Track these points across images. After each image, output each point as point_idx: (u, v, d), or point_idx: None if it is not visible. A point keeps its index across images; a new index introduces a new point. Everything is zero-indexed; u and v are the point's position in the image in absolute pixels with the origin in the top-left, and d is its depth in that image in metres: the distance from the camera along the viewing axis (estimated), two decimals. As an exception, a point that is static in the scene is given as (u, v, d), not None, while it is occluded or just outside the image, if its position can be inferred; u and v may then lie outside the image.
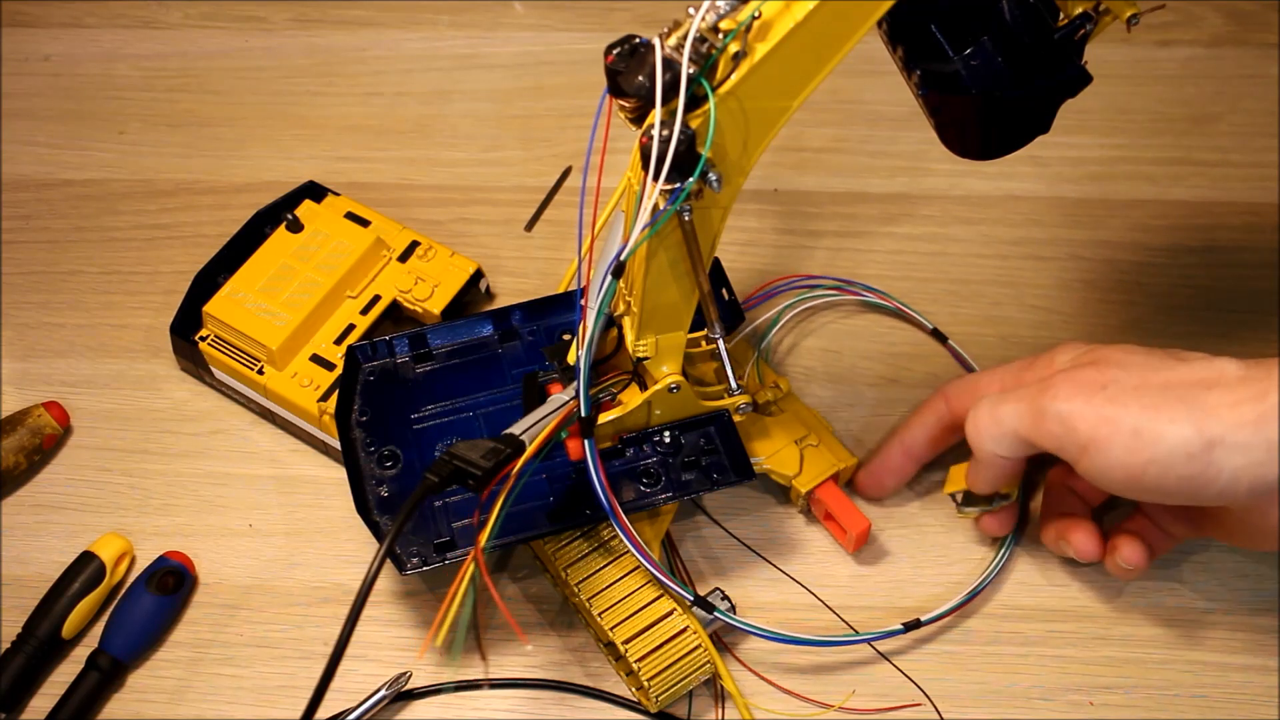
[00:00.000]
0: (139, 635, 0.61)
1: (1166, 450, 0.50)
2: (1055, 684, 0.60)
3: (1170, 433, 0.50)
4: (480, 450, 0.52)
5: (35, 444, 0.66)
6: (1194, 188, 0.77)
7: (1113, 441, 0.51)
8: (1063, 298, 0.72)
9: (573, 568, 0.59)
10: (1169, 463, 0.50)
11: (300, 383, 0.65)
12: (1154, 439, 0.50)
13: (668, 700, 0.58)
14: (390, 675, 0.59)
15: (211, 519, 0.65)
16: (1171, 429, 0.50)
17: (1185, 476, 0.50)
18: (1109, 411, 0.51)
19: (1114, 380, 0.52)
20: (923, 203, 0.76)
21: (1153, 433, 0.50)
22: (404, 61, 0.83)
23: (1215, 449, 0.49)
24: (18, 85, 0.82)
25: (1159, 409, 0.50)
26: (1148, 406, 0.51)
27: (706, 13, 0.45)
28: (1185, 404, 0.50)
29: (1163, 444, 0.50)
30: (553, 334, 0.64)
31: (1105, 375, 0.53)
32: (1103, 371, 0.53)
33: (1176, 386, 0.51)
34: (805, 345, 0.71)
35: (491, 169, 0.78)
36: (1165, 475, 0.50)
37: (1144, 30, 0.60)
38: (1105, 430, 0.51)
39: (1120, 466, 0.51)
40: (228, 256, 0.69)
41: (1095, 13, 0.54)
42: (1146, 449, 0.50)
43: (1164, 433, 0.50)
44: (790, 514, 0.65)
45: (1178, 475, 0.50)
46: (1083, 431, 0.52)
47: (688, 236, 0.50)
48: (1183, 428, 0.50)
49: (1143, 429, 0.50)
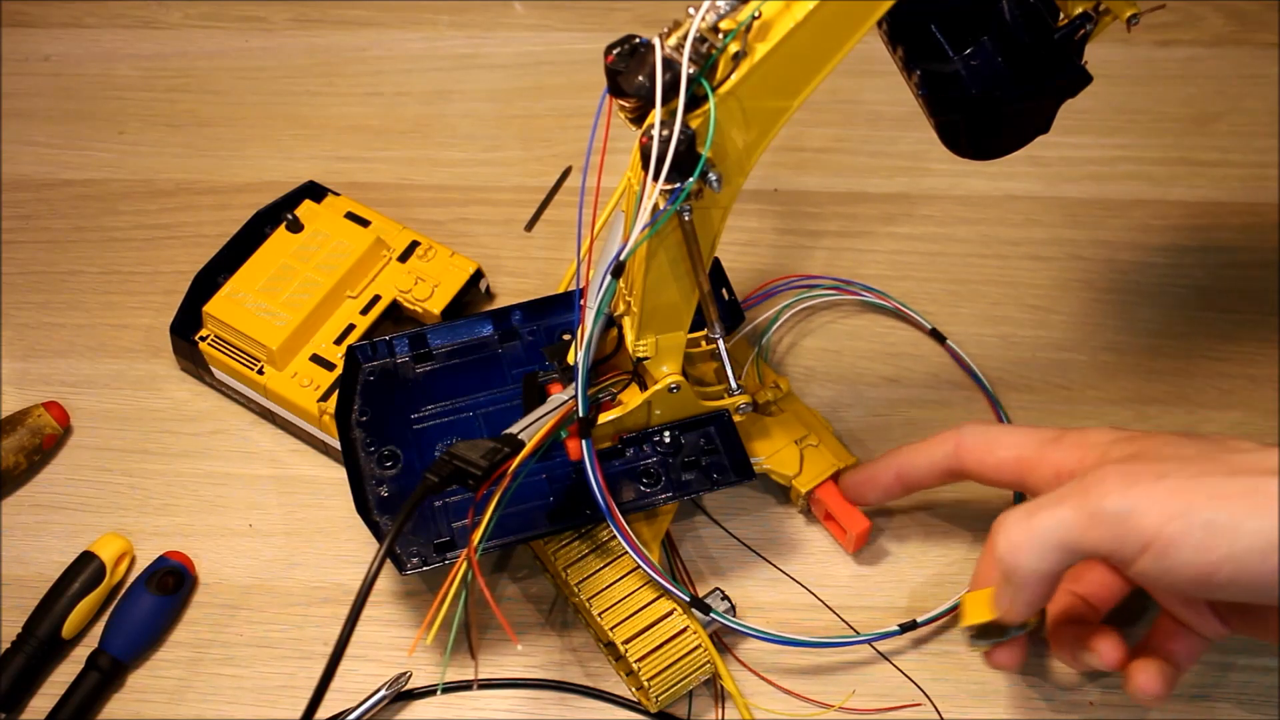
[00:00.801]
0: (139, 635, 0.61)
1: (1245, 547, 0.45)
2: (1055, 684, 0.60)
3: (1249, 527, 0.45)
4: (480, 450, 0.52)
5: (35, 444, 0.66)
6: (1194, 188, 0.77)
7: (1184, 539, 0.46)
8: (1063, 298, 0.72)
9: (572, 568, 0.59)
10: (1246, 560, 0.45)
11: (300, 383, 0.65)
12: (1230, 534, 0.45)
13: (668, 700, 0.58)
14: (390, 675, 0.59)
15: (211, 519, 0.65)
16: (1250, 523, 0.45)
17: (1262, 573, 0.45)
18: (1176, 506, 0.46)
19: (1172, 472, 0.47)
20: (923, 203, 0.76)
21: (1229, 527, 0.45)
22: (404, 61, 0.83)
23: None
24: (18, 85, 0.82)
25: (1231, 500, 0.46)
26: (1216, 497, 0.46)
27: (706, 13, 0.45)
28: (1258, 495, 0.46)
29: (1241, 540, 0.45)
30: (553, 334, 0.64)
31: (1160, 466, 0.48)
32: (1156, 463, 0.48)
33: (1241, 475, 0.47)
34: (805, 345, 0.71)
35: (491, 169, 0.78)
36: (1240, 572, 0.46)
37: (1144, 30, 0.60)
38: (1173, 527, 0.46)
39: (1191, 565, 0.46)
40: (228, 256, 0.69)
41: (1095, 13, 0.54)
42: (1223, 545, 0.45)
43: (1242, 527, 0.45)
44: (790, 514, 0.65)
45: (1254, 572, 0.45)
46: (1148, 530, 0.46)
47: (688, 236, 0.50)
48: (1261, 521, 0.45)
49: (1216, 523, 0.46)
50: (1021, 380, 0.69)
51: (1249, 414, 0.68)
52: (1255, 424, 0.67)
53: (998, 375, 0.69)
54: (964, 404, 0.68)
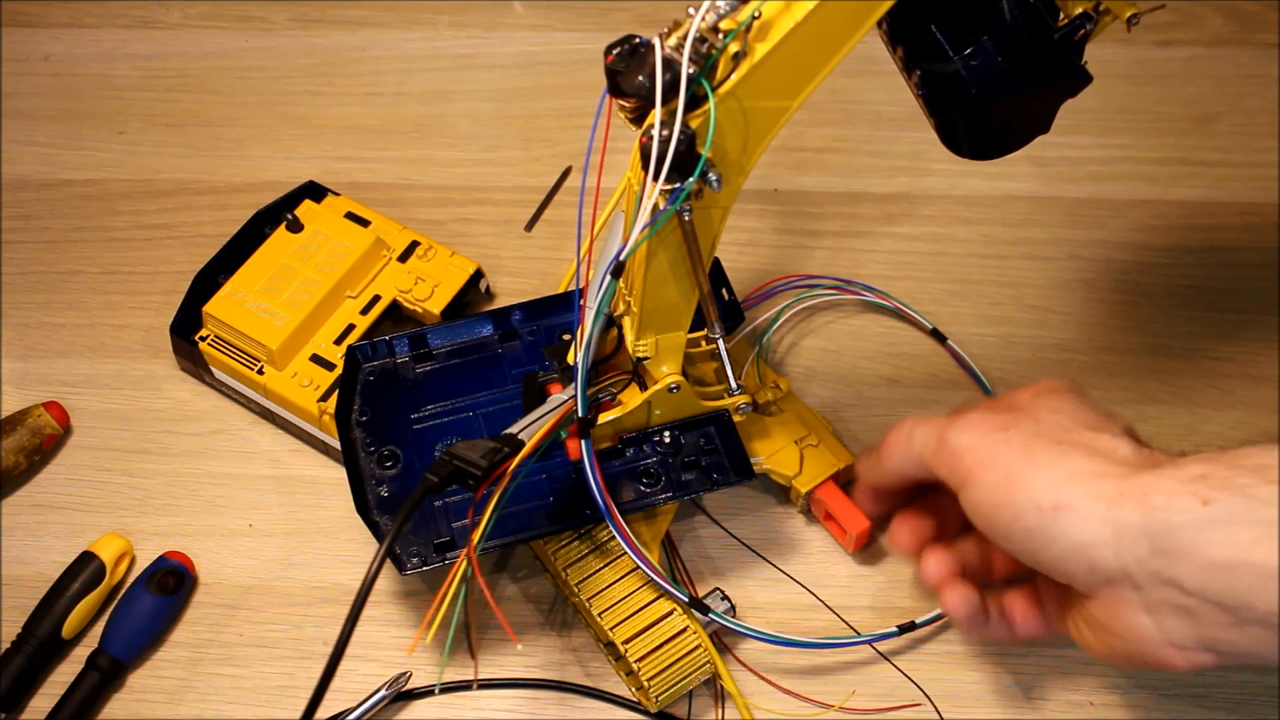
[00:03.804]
0: (139, 635, 0.61)
1: (1022, 499, 0.49)
2: (1055, 684, 0.60)
3: (1031, 480, 0.49)
4: (480, 450, 0.52)
5: (35, 444, 0.66)
6: (1194, 188, 0.77)
7: (984, 479, 0.50)
8: (1062, 298, 0.72)
9: (572, 568, 0.59)
10: (1018, 511, 0.49)
11: (300, 383, 0.65)
12: (1015, 485, 0.49)
13: (668, 700, 0.58)
14: (390, 675, 0.59)
15: (211, 519, 0.65)
16: (1033, 477, 0.49)
17: (1028, 529, 0.49)
18: (994, 451, 0.50)
19: (1016, 425, 0.51)
20: (923, 203, 0.76)
21: (1018, 479, 0.49)
22: (404, 61, 0.83)
23: (1062, 512, 0.48)
24: (18, 85, 0.82)
25: (1033, 459, 0.49)
26: (1026, 455, 0.50)
27: (706, 13, 0.45)
28: (1058, 461, 0.49)
29: (1020, 491, 0.49)
30: (553, 334, 0.64)
31: (1013, 419, 0.52)
32: (1014, 416, 0.52)
33: (1067, 446, 0.50)
34: (805, 345, 0.71)
35: (491, 169, 0.78)
36: (1013, 523, 0.49)
37: (1144, 30, 0.60)
38: (982, 469, 0.50)
39: (985, 505, 0.50)
40: (228, 256, 0.69)
41: (1095, 13, 0.54)
42: (1006, 493, 0.49)
43: (1026, 480, 0.49)
44: (790, 514, 0.65)
45: (1023, 526, 0.49)
46: (966, 465, 0.51)
47: (688, 236, 0.50)
48: (1042, 480, 0.48)
49: (1011, 473, 0.49)
50: (1021, 380, 0.69)
51: (1249, 414, 0.68)
52: (1255, 424, 0.67)
53: (998, 375, 0.69)
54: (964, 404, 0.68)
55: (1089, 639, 0.51)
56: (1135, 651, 0.48)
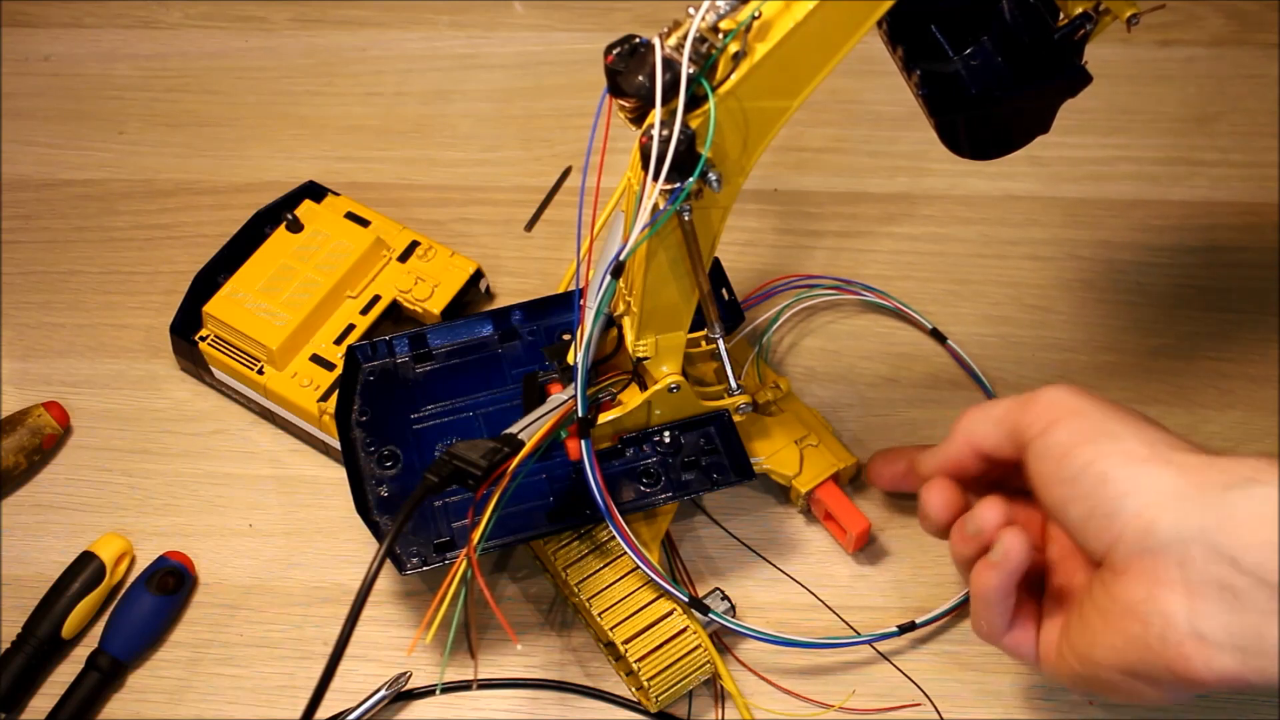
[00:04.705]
0: (139, 635, 0.61)
1: (1108, 447, 0.49)
2: (1056, 684, 0.60)
3: (1123, 434, 0.49)
4: (480, 450, 0.52)
5: (35, 444, 0.66)
6: (1194, 188, 0.77)
7: (1073, 424, 0.50)
8: (1063, 298, 0.72)
9: (572, 568, 0.59)
10: (1100, 455, 0.49)
11: (300, 383, 0.65)
12: (1106, 434, 0.49)
13: (668, 700, 0.58)
14: (390, 675, 0.59)
15: (211, 519, 0.65)
16: (1124, 431, 0.49)
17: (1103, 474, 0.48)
18: (1092, 405, 0.51)
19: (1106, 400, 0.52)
20: (923, 203, 0.76)
21: (1110, 429, 0.49)
22: (404, 61, 0.83)
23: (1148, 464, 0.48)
24: (18, 85, 0.82)
25: (1125, 419, 0.50)
26: (1119, 414, 0.50)
27: (706, 13, 0.45)
28: (1151, 429, 0.49)
29: (1108, 442, 0.49)
30: (553, 334, 0.64)
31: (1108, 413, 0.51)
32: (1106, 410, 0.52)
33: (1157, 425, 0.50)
34: (805, 345, 0.71)
35: (491, 169, 0.78)
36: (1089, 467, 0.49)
37: (1144, 30, 0.60)
38: (1075, 416, 0.50)
39: (1065, 444, 0.50)
40: (228, 256, 0.69)
41: (1095, 13, 0.54)
42: (1093, 438, 0.49)
43: (1118, 432, 0.49)
44: (790, 514, 0.65)
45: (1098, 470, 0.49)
46: (1058, 411, 0.51)
47: (688, 236, 0.50)
48: (1135, 436, 0.49)
49: (1105, 424, 0.50)
50: (1021, 380, 0.69)
51: (1249, 414, 0.68)
52: (1255, 424, 0.67)
53: (998, 375, 0.69)
54: (964, 404, 0.67)
55: (1090, 639, 0.49)
56: (1154, 641, 0.46)
